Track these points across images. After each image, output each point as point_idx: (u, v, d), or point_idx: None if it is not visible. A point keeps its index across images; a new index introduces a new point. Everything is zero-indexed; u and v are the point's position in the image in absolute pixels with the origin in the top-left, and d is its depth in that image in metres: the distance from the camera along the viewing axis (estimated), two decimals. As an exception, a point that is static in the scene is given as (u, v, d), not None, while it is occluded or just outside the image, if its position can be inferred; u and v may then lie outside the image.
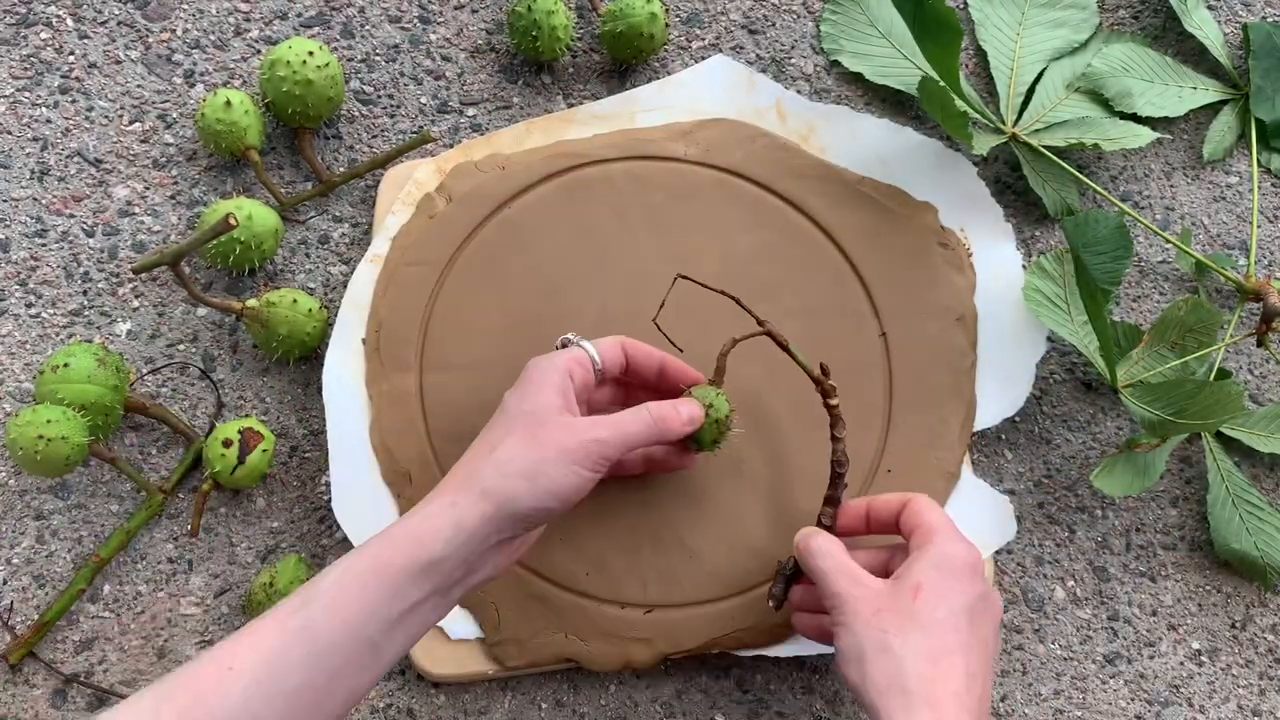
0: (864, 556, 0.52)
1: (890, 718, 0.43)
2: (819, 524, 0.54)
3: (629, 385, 0.55)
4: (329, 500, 0.58)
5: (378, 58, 0.67)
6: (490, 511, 0.45)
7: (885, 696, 0.44)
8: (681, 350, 0.56)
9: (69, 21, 0.67)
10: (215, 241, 0.57)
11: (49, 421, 0.53)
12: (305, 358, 0.61)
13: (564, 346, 0.52)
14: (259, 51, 0.67)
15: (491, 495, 0.45)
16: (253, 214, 0.58)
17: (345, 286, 0.61)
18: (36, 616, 0.57)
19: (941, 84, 0.59)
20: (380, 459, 0.58)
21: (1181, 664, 0.59)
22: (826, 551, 0.50)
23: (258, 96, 0.65)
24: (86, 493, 0.59)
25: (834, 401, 0.54)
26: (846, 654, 0.46)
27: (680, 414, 0.50)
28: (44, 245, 0.63)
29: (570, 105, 0.67)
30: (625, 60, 0.66)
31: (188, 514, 0.59)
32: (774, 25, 0.69)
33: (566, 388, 0.49)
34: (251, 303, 0.58)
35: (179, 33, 0.67)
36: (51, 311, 0.62)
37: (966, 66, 0.68)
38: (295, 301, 0.58)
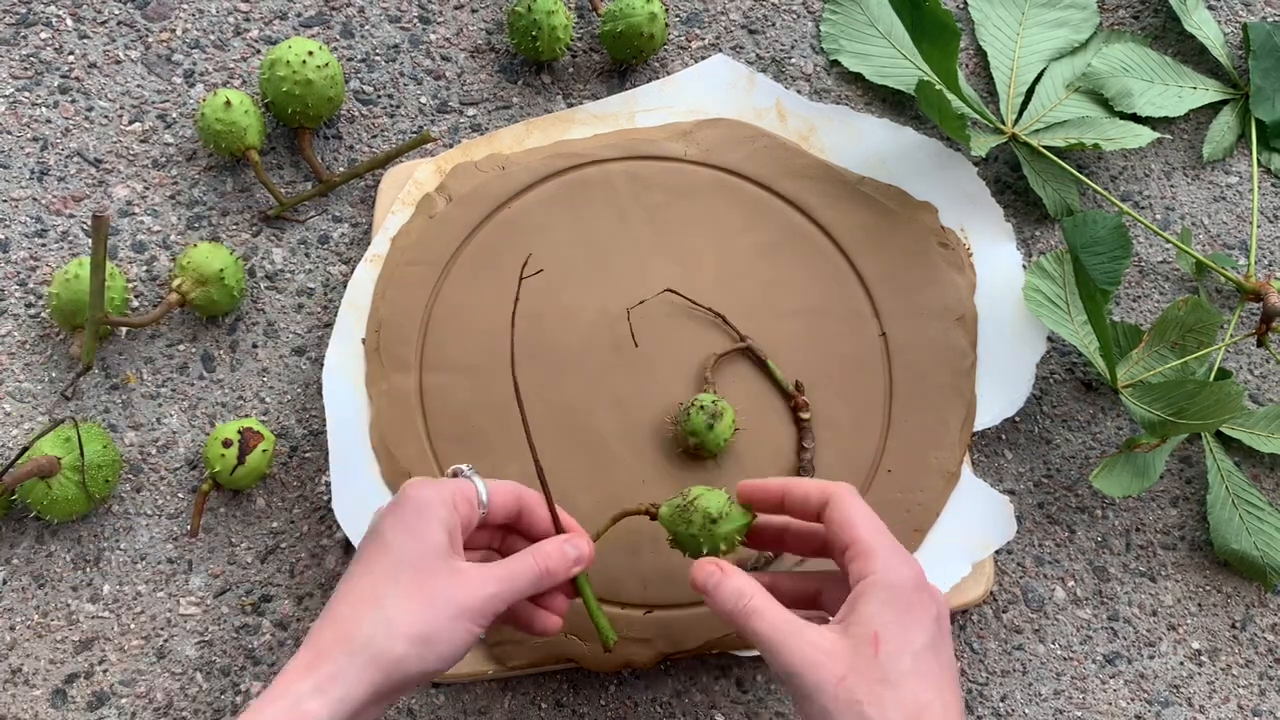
0: (788, 584, 0.48)
1: None
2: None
3: (506, 527, 0.50)
4: (329, 500, 0.58)
5: (378, 58, 0.67)
6: (379, 681, 0.40)
7: None
8: (637, 345, 0.59)
9: (69, 21, 0.67)
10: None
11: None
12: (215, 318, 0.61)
13: (454, 476, 0.47)
14: (259, 51, 0.67)
15: (380, 663, 0.40)
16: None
17: (345, 286, 0.61)
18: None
19: (939, 87, 0.59)
20: (380, 459, 0.58)
21: (1181, 664, 0.59)
22: (762, 611, 0.43)
23: (257, 96, 0.65)
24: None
25: (805, 415, 0.58)
26: None
27: (568, 555, 0.46)
28: (44, 245, 0.63)
29: (570, 105, 0.67)
30: (625, 60, 0.66)
31: (188, 514, 0.59)
32: (774, 25, 0.69)
33: (454, 525, 0.44)
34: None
35: (179, 33, 0.67)
36: (51, 312, 0.62)
37: (966, 66, 0.68)
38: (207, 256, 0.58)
